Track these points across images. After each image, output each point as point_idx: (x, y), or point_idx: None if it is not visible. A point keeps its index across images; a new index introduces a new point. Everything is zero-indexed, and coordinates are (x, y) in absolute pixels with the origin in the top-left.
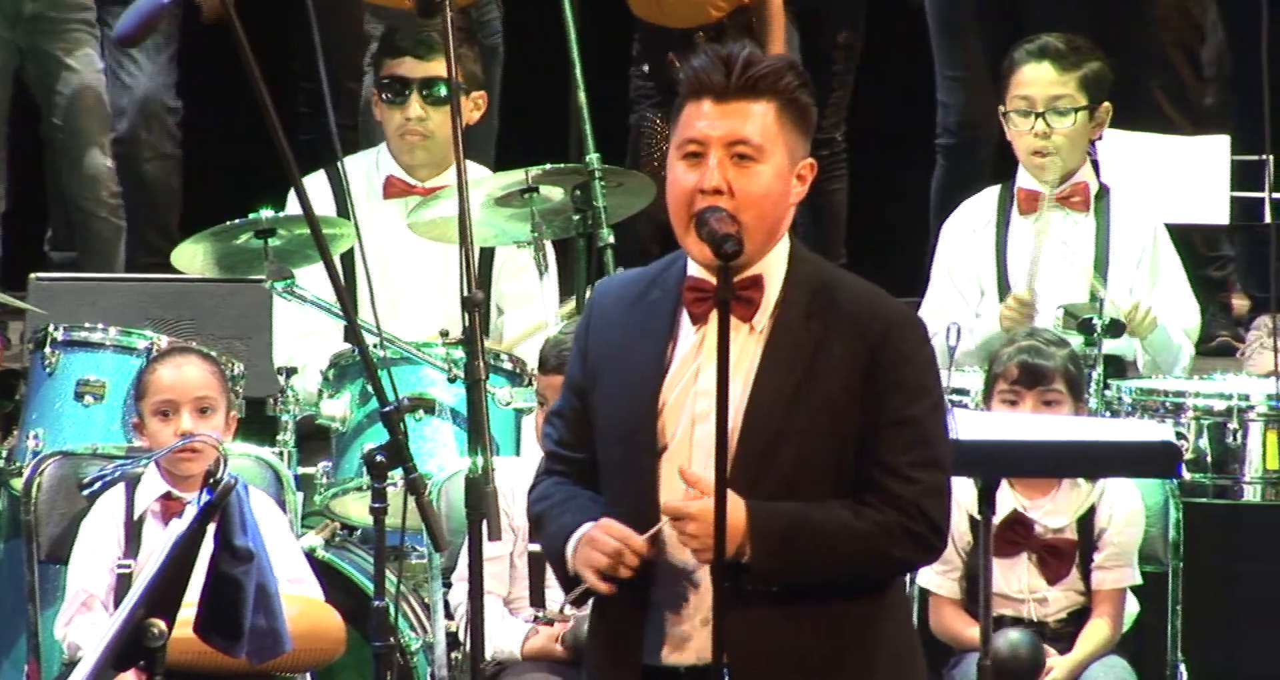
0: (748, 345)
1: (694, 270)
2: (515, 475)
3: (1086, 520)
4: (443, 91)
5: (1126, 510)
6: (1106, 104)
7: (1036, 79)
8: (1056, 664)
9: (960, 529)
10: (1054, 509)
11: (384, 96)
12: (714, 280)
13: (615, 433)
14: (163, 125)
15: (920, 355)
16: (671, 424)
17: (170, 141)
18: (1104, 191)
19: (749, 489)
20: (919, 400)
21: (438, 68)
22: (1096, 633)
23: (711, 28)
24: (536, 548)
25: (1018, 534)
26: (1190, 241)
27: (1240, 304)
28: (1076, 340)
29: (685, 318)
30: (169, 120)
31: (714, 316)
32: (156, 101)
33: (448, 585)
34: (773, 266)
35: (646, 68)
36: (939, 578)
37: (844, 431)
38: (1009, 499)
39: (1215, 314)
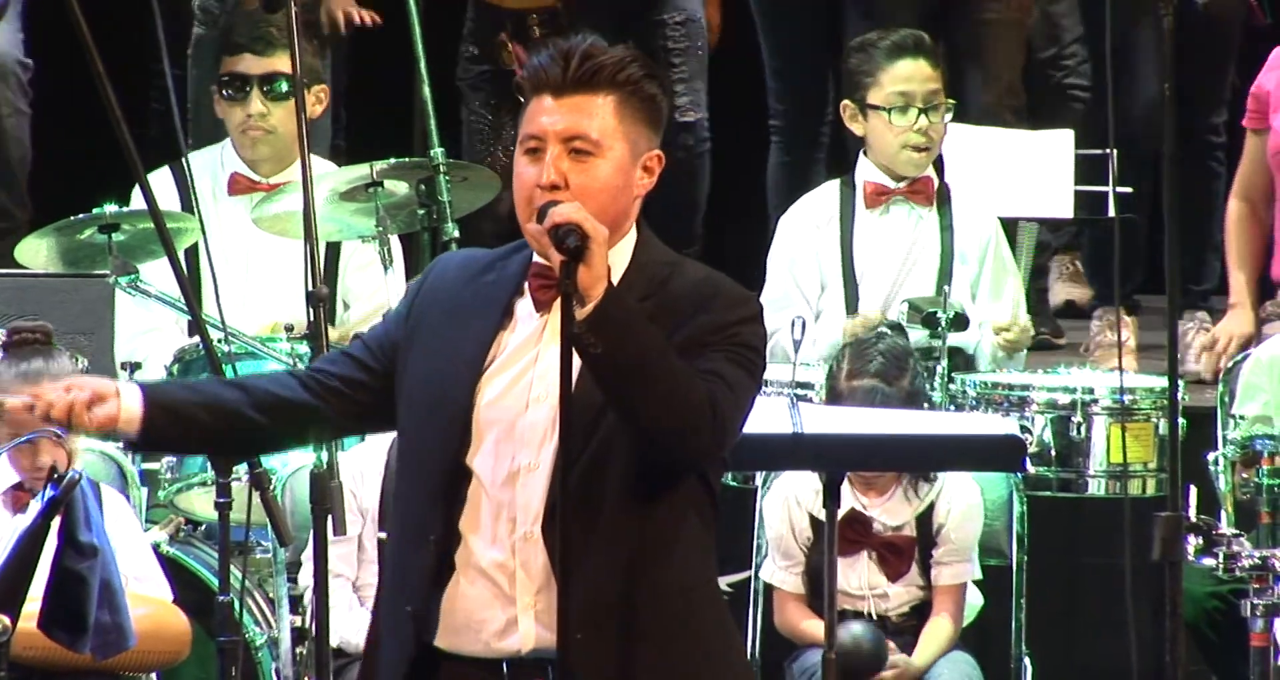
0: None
1: (538, 258)
2: (363, 456)
3: (925, 517)
4: (284, 87)
5: (965, 505)
6: (951, 100)
7: (914, 75)
8: (902, 662)
9: (801, 525)
10: (892, 507)
11: (225, 93)
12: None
13: (426, 400)
14: (18, 80)
15: (746, 320)
16: (504, 404)
17: (23, 98)
18: (945, 187)
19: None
20: (730, 355)
21: (277, 63)
22: (938, 631)
23: (546, 11)
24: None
25: (856, 532)
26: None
27: (1083, 294)
28: (921, 334)
29: (521, 305)
30: (22, 76)
31: (558, 306)
32: (9, 57)
33: (292, 580)
34: (618, 256)
35: (475, 49)
36: (782, 573)
37: None
38: (847, 498)
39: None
